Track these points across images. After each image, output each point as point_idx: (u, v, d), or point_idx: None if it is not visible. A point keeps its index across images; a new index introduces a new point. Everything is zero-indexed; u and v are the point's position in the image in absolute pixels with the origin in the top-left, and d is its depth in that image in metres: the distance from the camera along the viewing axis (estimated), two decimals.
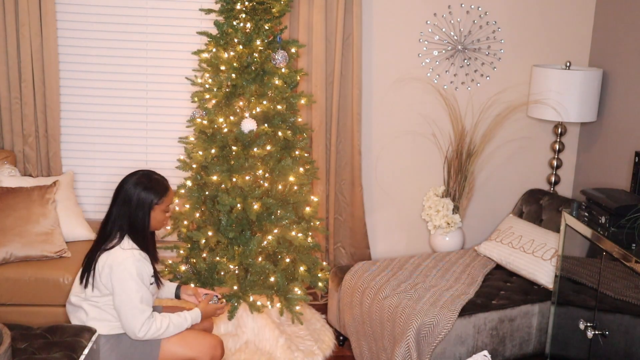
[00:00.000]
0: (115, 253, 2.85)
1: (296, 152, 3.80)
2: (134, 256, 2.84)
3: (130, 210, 2.88)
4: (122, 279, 2.82)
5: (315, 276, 3.87)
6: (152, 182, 2.92)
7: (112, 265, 2.83)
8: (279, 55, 3.64)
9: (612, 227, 2.93)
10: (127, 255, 2.83)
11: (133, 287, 2.82)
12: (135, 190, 2.88)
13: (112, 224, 2.91)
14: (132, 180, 2.91)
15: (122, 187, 2.92)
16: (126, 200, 2.89)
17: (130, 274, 2.82)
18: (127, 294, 2.82)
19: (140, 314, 2.83)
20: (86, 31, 4.30)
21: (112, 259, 2.84)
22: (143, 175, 2.93)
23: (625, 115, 3.99)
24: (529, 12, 4.42)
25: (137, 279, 2.83)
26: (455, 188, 4.34)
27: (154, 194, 2.90)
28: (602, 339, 2.92)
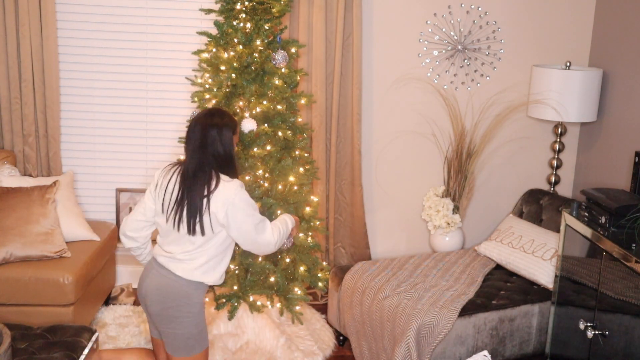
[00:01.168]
0: (226, 188, 2.84)
1: (296, 152, 3.80)
2: (239, 183, 2.90)
3: (218, 140, 2.87)
4: (244, 206, 2.85)
5: (315, 276, 3.87)
6: (224, 113, 2.96)
7: (228, 201, 2.82)
8: (279, 55, 3.63)
9: (612, 227, 2.93)
10: (235, 185, 2.86)
11: (249, 208, 2.88)
12: (215, 121, 2.89)
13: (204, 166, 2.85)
14: (203, 117, 2.91)
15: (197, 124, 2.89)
16: (210, 132, 2.87)
17: (245, 198, 2.88)
18: (251, 216, 2.88)
19: (264, 225, 2.96)
20: (86, 31, 4.30)
21: (223, 196, 2.82)
22: (211, 110, 2.97)
23: (625, 115, 3.99)
24: (529, 12, 4.42)
25: (250, 203, 2.90)
26: (455, 188, 4.35)
27: (230, 126, 2.93)
28: (602, 339, 2.92)
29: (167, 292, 2.86)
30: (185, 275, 2.85)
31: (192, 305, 2.87)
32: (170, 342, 2.92)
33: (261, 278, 3.70)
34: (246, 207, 2.86)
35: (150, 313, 2.93)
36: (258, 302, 3.72)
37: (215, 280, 2.92)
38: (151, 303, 2.89)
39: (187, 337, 2.91)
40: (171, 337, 2.91)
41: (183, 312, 2.86)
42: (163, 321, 2.90)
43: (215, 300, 3.72)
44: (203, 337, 2.96)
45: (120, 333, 3.92)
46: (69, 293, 3.54)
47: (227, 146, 2.88)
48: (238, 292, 3.68)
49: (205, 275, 2.88)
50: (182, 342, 2.91)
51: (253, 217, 2.89)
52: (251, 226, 2.88)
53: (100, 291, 4.08)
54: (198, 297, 2.90)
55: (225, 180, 2.85)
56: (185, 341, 2.91)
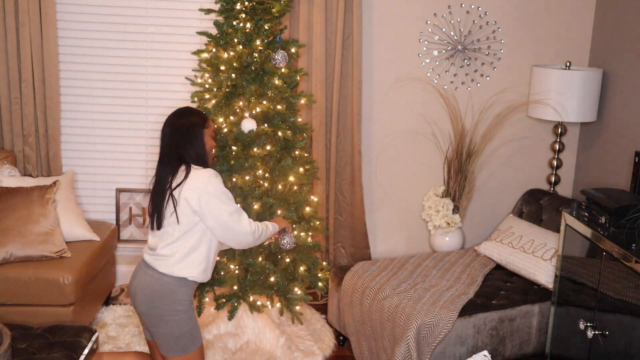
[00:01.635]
0: (196, 177, 2.86)
1: (296, 152, 3.80)
2: (212, 171, 2.90)
3: (186, 140, 2.91)
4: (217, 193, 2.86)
5: (315, 276, 3.87)
6: (190, 111, 2.99)
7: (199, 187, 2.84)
8: (279, 55, 3.64)
9: (612, 227, 2.93)
10: (208, 173, 2.87)
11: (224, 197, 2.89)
12: (182, 122, 2.93)
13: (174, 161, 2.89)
14: (172, 118, 2.97)
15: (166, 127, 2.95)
16: (177, 134, 2.91)
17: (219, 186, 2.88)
18: (226, 204, 2.88)
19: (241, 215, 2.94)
20: (86, 31, 4.30)
21: (194, 182, 2.84)
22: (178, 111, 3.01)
23: (625, 115, 3.99)
24: (529, 12, 4.42)
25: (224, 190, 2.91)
26: (455, 188, 4.34)
27: (198, 117, 2.97)
28: (602, 339, 2.92)
29: (152, 291, 2.87)
30: (168, 271, 2.86)
31: (178, 302, 2.87)
32: (162, 343, 2.93)
33: (261, 278, 3.70)
34: (220, 195, 2.88)
35: (139, 313, 2.96)
36: (258, 302, 3.72)
37: (198, 274, 2.90)
38: (139, 303, 2.91)
39: (178, 336, 2.90)
40: (162, 338, 2.92)
41: (169, 311, 2.87)
42: (152, 321, 2.91)
43: (215, 300, 3.72)
44: (195, 336, 2.96)
45: (120, 333, 3.92)
46: (69, 293, 3.54)
47: (197, 147, 2.92)
48: (238, 292, 3.69)
49: (187, 270, 2.88)
50: (173, 342, 2.91)
51: (227, 205, 2.90)
52: (226, 214, 2.88)
53: (100, 291, 4.08)
54: (183, 294, 2.90)
55: (197, 168, 2.89)
56: (176, 340, 2.91)
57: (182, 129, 2.91)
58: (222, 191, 2.90)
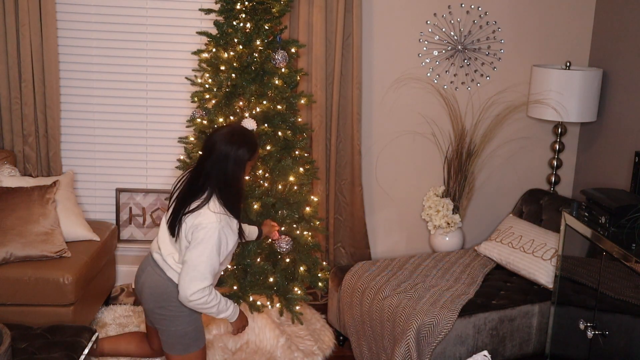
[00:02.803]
0: (204, 214, 2.75)
1: (296, 152, 3.80)
2: (222, 221, 2.76)
3: (227, 167, 2.79)
4: (202, 239, 2.73)
5: (315, 276, 3.87)
6: (246, 138, 2.86)
7: (198, 225, 2.75)
8: (279, 55, 3.64)
9: (612, 227, 2.93)
10: (214, 220, 2.74)
11: (206, 253, 2.73)
12: (232, 147, 2.80)
13: (204, 179, 2.80)
14: (226, 137, 2.82)
15: (215, 142, 2.81)
16: (221, 156, 2.78)
17: (210, 238, 2.74)
18: (198, 257, 2.73)
19: (200, 282, 2.74)
20: (86, 31, 4.30)
21: (200, 219, 2.75)
22: (236, 132, 2.86)
23: (625, 115, 3.99)
24: (529, 12, 4.42)
25: (214, 247, 2.74)
26: (455, 188, 4.35)
27: (248, 149, 2.84)
28: (602, 339, 2.92)
29: (160, 292, 2.88)
30: (175, 278, 2.86)
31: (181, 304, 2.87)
32: (166, 340, 2.94)
33: (261, 278, 3.70)
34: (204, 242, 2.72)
35: (145, 309, 2.97)
36: (258, 302, 3.72)
37: None
38: (145, 300, 2.93)
39: (181, 335, 2.91)
40: (166, 335, 2.93)
41: (174, 311, 2.88)
42: (157, 319, 2.92)
43: None
44: (199, 336, 2.96)
45: (120, 333, 3.92)
46: (69, 293, 3.54)
47: (237, 169, 2.80)
48: (238, 292, 3.69)
49: None
50: (176, 340, 2.92)
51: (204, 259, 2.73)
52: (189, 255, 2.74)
53: (100, 291, 4.08)
54: None
55: (210, 209, 2.77)
56: (179, 339, 2.92)
57: (233, 146, 2.78)
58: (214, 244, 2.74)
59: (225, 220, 2.78)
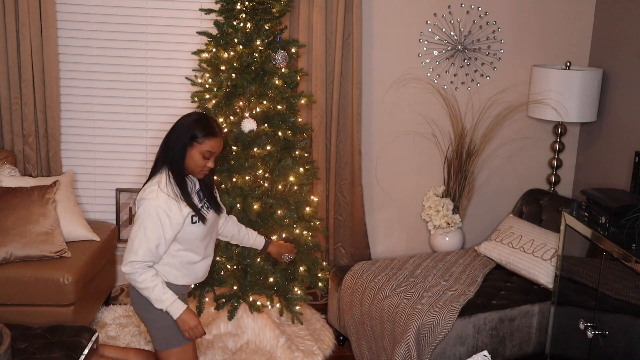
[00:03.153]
0: (147, 189, 2.83)
1: (296, 152, 3.80)
2: (159, 199, 2.78)
3: (171, 139, 2.88)
4: (139, 215, 2.80)
5: (315, 276, 3.87)
6: (201, 120, 2.91)
7: (139, 200, 2.83)
8: (279, 55, 3.64)
9: (612, 227, 2.93)
10: (153, 196, 2.78)
11: (141, 229, 2.78)
12: (183, 122, 2.89)
13: (157, 155, 2.92)
14: (186, 115, 2.94)
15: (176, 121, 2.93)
16: (172, 130, 2.90)
17: (145, 214, 2.78)
18: (134, 232, 2.80)
19: (132, 255, 2.78)
20: (86, 31, 4.30)
21: (141, 194, 2.83)
22: (198, 114, 2.96)
23: (625, 115, 3.99)
24: (529, 12, 4.42)
25: (148, 224, 2.77)
26: (455, 188, 4.34)
27: (198, 130, 2.86)
28: (602, 339, 2.92)
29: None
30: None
31: None
32: (150, 334, 3.00)
33: (261, 278, 3.70)
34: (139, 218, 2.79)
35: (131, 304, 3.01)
36: (258, 302, 3.72)
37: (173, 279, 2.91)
38: (129, 290, 2.97)
39: (159, 328, 2.93)
40: (149, 327, 2.99)
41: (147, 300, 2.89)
42: (138, 311, 2.98)
43: (215, 300, 3.72)
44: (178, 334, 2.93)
45: (120, 333, 3.92)
46: (69, 293, 3.54)
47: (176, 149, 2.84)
48: (238, 292, 3.69)
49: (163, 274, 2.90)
50: (156, 332, 2.96)
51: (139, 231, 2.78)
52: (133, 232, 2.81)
53: (100, 291, 4.08)
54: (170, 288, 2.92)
55: (154, 182, 2.83)
56: (158, 332, 2.94)
57: (177, 127, 2.89)
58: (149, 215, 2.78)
59: (165, 199, 2.79)
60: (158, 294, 2.83)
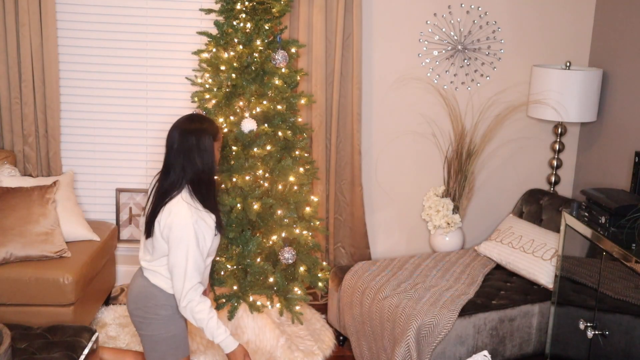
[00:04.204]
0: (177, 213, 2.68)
1: (296, 152, 3.80)
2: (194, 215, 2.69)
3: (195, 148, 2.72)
4: (180, 239, 2.68)
5: (315, 276, 3.87)
6: (203, 118, 2.81)
7: (171, 224, 2.68)
8: (279, 55, 3.64)
9: (612, 227, 2.93)
10: (187, 215, 2.67)
11: (190, 252, 2.69)
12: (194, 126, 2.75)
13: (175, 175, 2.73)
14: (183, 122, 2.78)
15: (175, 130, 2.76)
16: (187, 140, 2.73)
17: (188, 236, 2.67)
18: (183, 258, 2.69)
19: (189, 281, 2.69)
20: (86, 31, 4.30)
21: (172, 218, 2.68)
22: (190, 116, 2.82)
23: (625, 115, 3.99)
24: (529, 12, 4.42)
25: (193, 244, 2.68)
26: (455, 188, 4.34)
27: (212, 128, 2.78)
28: (602, 339, 2.92)
29: (138, 292, 2.88)
30: (157, 283, 2.85)
31: (160, 307, 2.84)
32: (144, 347, 2.93)
33: (261, 278, 3.70)
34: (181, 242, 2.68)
35: (129, 314, 2.94)
36: (258, 302, 3.72)
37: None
38: (128, 302, 2.92)
39: (156, 341, 2.87)
40: (143, 341, 2.91)
41: (150, 314, 2.85)
42: (135, 322, 2.91)
43: (215, 300, 3.72)
44: (177, 346, 2.90)
45: (120, 333, 3.92)
46: (69, 293, 3.54)
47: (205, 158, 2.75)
48: (238, 292, 3.69)
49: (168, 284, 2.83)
50: (152, 346, 2.88)
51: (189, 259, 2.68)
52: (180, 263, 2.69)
53: (100, 291, 4.08)
54: (167, 299, 2.85)
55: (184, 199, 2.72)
56: (155, 345, 2.87)
57: (193, 135, 2.75)
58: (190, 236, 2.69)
59: (197, 214, 2.72)
60: (212, 327, 2.76)
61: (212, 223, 2.79)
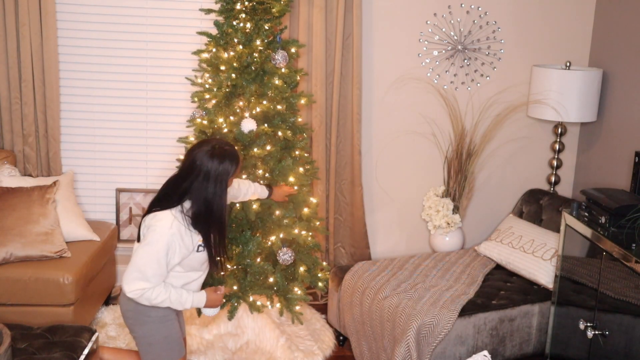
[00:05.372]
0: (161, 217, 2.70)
1: (296, 152, 3.80)
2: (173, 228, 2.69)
3: (208, 186, 2.70)
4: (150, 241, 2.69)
5: (315, 276, 3.87)
6: (229, 153, 2.76)
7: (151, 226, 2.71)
8: (279, 55, 3.64)
9: (612, 227, 2.93)
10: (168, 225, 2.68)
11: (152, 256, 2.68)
12: (213, 163, 2.70)
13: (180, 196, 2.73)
14: (208, 154, 2.72)
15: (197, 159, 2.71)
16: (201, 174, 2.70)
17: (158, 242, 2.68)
18: (143, 258, 2.69)
19: (142, 282, 2.69)
20: (86, 31, 4.30)
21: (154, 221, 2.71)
22: (217, 148, 2.75)
23: (625, 115, 3.99)
24: (529, 12, 4.42)
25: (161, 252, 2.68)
26: (455, 188, 4.34)
27: (234, 165, 2.76)
28: (602, 339, 2.92)
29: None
30: None
31: (151, 308, 2.83)
32: (138, 347, 2.93)
33: (261, 278, 3.70)
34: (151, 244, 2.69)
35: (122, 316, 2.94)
36: (258, 302, 3.72)
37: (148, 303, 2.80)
38: (120, 304, 2.92)
39: (150, 343, 2.88)
40: (138, 342, 2.92)
41: (142, 315, 2.84)
42: (128, 324, 2.91)
43: None
44: (171, 347, 2.90)
45: (120, 333, 3.92)
46: (69, 293, 3.54)
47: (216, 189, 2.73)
48: (238, 292, 3.68)
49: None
50: (144, 347, 2.89)
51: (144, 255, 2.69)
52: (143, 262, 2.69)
53: (100, 291, 4.08)
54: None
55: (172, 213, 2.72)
56: (148, 347, 2.88)
57: (212, 175, 2.71)
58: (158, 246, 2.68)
59: (180, 230, 2.71)
60: (176, 300, 2.79)
61: (190, 243, 2.78)
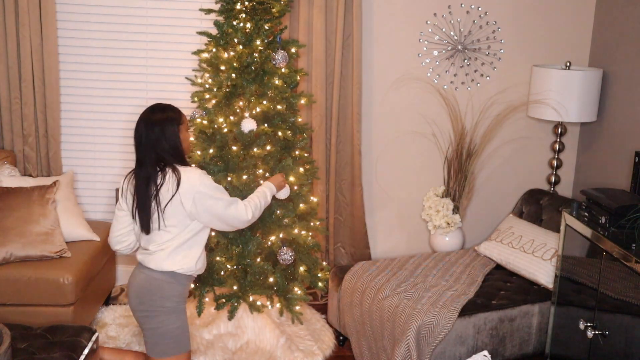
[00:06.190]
0: (189, 178, 2.87)
1: (296, 152, 3.80)
2: (199, 171, 2.93)
3: (163, 136, 2.89)
4: (210, 191, 2.89)
5: (315, 276, 3.87)
6: (165, 106, 2.97)
7: (193, 189, 2.86)
8: (279, 55, 3.64)
9: (612, 227, 2.93)
10: (198, 173, 2.90)
11: (218, 192, 2.93)
12: (157, 117, 2.91)
13: (154, 162, 2.88)
14: (146, 114, 2.93)
15: (141, 123, 2.91)
16: (153, 130, 2.88)
17: (210, 183, 2.92)
18: (220, 200, 2.92)
19: (237, 204, 2.99)
20: (86, 31, 4.30)
21: (187, 186, 2.86)
22: (151, 107, 2.97)
23: (625, 115, 3.99)
24: (529, 12, 4.42)
25: (215, 185, 2.95)
26: (455, 188, 4.34)
27: (174, 113, 2.96)
28: (602, 339, 2.92)
29: (141, 286, 2.93)
30: (157, 267, 2.91)
31: (166, 298, 2.90)
32: (148, 340, 2.98)
33: (261, 278, 3.70)
34: (213, 192, 2.91)
35: (132, 310, 3.00)
36: (258, 302, 3.73)
37: (189, 267, 2.94)
38: (130, 299, 2.97)
39: (161, 334, 2.93)
40: (148, 334, 2.96)
41: (156, 306, 2.90)
42: (141, 318, 2.96)
43: (215, 300, 3.72)
44: (180, 340, 2.96)
45: (120, 333, 3.92)
46: (69, 293, 3.54)
47: (171, 141, 2.90)
48: (238, 292, 3.69)
49: (175, 264, 2.91)
50: (156, 339, 2.94)
51: (222, 200, 2.94)
52: (222, 209, 2.93)
53: (100, 291, 4.08)
54: (172, 290, 2.93)
55: (185, 169, 2.89)
56: (159, 338, 2.93)
57: (158, 125, 2.89)
58: (215, 187, 2.94)
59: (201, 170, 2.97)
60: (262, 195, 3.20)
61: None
